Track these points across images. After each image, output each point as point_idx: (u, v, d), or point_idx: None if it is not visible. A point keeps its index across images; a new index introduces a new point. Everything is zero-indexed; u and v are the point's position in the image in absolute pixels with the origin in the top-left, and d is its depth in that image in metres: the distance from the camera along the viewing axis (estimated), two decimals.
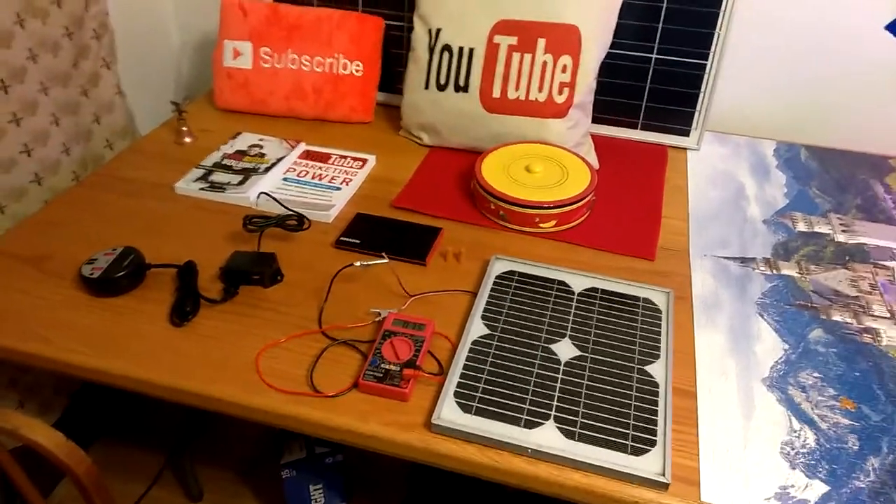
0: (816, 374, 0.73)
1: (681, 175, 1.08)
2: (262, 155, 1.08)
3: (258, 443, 1.27)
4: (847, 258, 0.90)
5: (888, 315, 0.81)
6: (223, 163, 1.06)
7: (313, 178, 1.03)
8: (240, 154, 1.08)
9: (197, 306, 0.80)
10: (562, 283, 0.84)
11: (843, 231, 0.95)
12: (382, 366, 0.72)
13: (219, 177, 1.02)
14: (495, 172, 0.98)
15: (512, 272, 0.85)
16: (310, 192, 1.00)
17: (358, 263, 0.84)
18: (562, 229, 0.95)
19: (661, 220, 0.97)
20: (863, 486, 0.62)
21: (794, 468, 0.64)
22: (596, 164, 1.09)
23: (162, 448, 1.26)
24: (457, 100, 1.06)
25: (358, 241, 0.91)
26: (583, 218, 0.97)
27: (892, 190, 1.04)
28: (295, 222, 0.89)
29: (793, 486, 0.62)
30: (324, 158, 1.08)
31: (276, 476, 1.21)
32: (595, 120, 1.16)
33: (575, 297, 0.82)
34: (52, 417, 1.16)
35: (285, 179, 1.03)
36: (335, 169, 1.05)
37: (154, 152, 1.10)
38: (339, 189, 1.01)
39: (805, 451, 0.65)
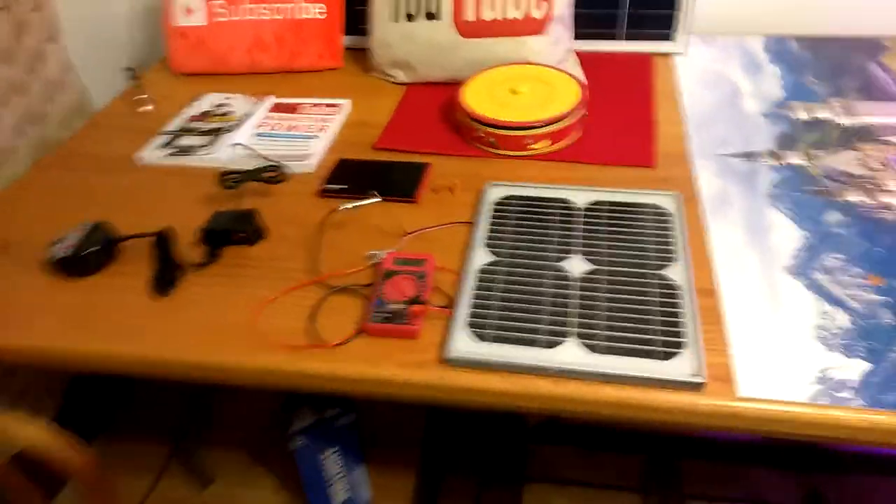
0: (840, 256, 0.70)
1: (671, 81, 1.03)
2: (229, 113, 1.01)
3: (266, 418, 1.23)
4: (853, 139, 0.86)
5: None
6: (188, 126, 0.99)
7: (287, 129, 0.97)
8: (205, 115, 1.01)
9: (179, 274, 0.75)
10: (563, 200, 0.79)
11: (845, 114, 0.91)
12: (388, 306, 0.67)
13: (185, 141, 0.96)
14: (479, 99, 0.92)
15: (510, 197, 0.81)
16: (285, 145, 0.94)
17: (348, 206, 0.79)
18: (555, 149, 0.90)
19: (655, 127, 0.93)
20: None
21: (831, 350, 0.60)
22: (583, 79, 1.03)
23: (166, 438, 1.22)
24: (428, 29, 1.00)
25: (344, 187, 0.85)
26: (576, 135, 0.92)
27: (888, 68, 1.00)
28: (274, 173, 0.83)
29: (833, 367, 0.59)
30: (295, 109, 1.01)
31: (289, 450, 1.17)
32: (574, 36, 1.10)
33: (580, 212, 0.77)
34: (46, 419, 1.11)
35: (258, 135, 0.97)
36: (309, 118, 0.99)
37: (113, 125, 1.03)
38: (315, 137, 0.95)
39: (840, 331, 0.62)
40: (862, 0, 1.11)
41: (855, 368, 0.59)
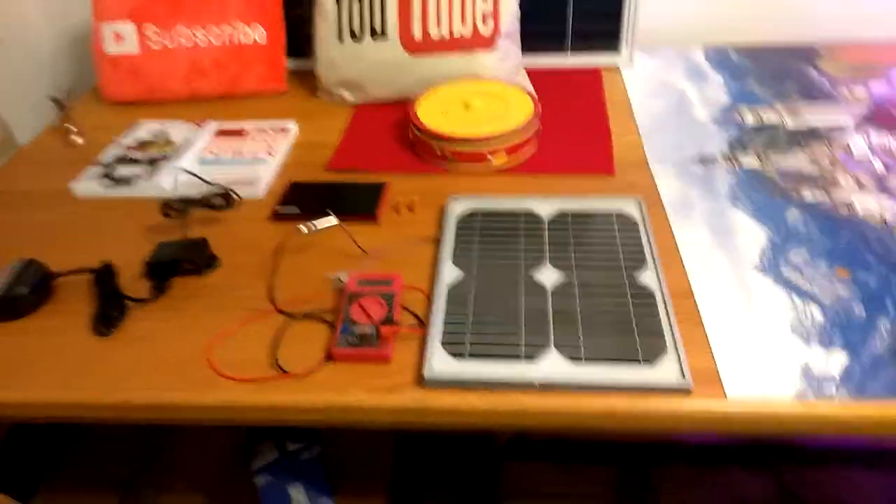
0: (804, 252, 0.70)
1: (620, 92, 1.05)
2: (169, 141, 0.96)
3: (225, 456, 1.15)
4: (801, 140, 0.89)
5: (855, 185, 0.79)
6: (125, 156, 0.93)
7: (233, 154, 0.92)
8: (143, 144, 0.95)
9: (123, 309, 0.69)
10: (528, 212, 0.78)
11: (791, 116, 0.94)
12: (355, 330, 0.63)
13: (123, 171, 0.90)
14: (433, 116, 0.90)
15: (474, 211, 0.78)
16: (232, 170, 0.89)
17: (304, 228, 0.75)
18: (513, 162, 0.88)
19: (611, 136, 0.93)
20: (880, 347, 0.59)
21: (809, 345, 0.60)
22: (534, 92, 1.03)
23: (116, 485, 1.11)
24: (376, 48, 0.98)
25: (297, 210, 0.81)
26: (532, 148, 0.91)
27: (825, 72, 1.04)
28: (221, 199, 0.78)
29: (814, 362, 0.58)
30: (240, 133, 0.97)
31: (252, 488, 1.10)
32: (522, 51, 1.10)
33: (545, 223, 0.76)
34: None
35: (202, 162, 0.91)
36: (255, 142, 0.95)
37: (41, 158, 0.96)
38: (264, 161, 0.90)
39: (815, 325, 0.62)
40: (794, 10, 1.16)
41: (836, 361, 0.58)
